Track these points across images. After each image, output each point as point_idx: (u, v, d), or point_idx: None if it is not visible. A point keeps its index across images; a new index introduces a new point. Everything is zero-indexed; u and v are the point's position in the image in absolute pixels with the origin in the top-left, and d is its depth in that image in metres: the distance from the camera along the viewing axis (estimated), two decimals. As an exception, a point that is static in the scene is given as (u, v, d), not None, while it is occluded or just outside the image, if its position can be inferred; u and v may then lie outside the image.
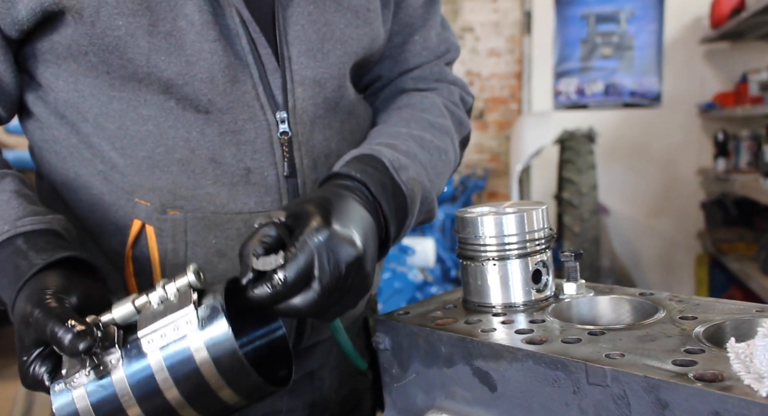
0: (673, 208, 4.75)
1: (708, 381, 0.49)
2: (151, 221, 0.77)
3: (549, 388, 0.57)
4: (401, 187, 0.76)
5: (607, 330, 0.62)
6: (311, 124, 0.81)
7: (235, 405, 0.61)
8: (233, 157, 0.77)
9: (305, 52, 0.80)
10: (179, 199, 0.77)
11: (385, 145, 0.80)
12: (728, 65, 4.50)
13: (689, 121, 4.65)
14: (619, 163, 4.75)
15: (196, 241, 0.78)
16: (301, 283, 0.61)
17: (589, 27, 4.80)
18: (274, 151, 0.79)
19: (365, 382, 1.05)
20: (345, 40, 0.83)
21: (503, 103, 5.09)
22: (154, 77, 0.74)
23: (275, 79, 0.79)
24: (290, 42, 0.79)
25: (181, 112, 0.76)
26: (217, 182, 0.77)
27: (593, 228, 4.04)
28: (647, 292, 0.73)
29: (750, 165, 4.01)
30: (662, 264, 4.84)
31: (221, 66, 0.75)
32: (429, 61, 0.97)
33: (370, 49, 0.87)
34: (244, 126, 0.77)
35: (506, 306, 0.73)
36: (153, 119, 0.76)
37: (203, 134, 0.76)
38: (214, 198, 0.77)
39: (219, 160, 0.77)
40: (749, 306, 0.65)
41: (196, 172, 0.77)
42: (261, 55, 0.78)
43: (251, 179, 0.78)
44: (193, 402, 0.59)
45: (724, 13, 3.92)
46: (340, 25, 0.82)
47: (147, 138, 0.76)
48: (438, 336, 0.66)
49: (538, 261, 0.73)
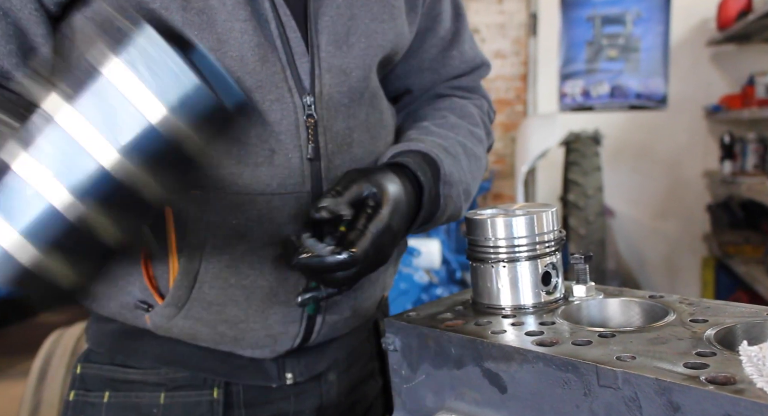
0: (679, 211, 4.74)
1: (720, 384, 0.49)
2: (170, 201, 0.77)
3: (559, 390, 0.57)
4: (440, 200, 0.85)
5: (617, 333, 0.62)
6: (336, 110, 0.82)
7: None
8: (258, 137, 0.78)
9: (333, 42, 0.82)
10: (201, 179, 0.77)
11: (443, 150, 0.87)
12: (735, 67, 4.48)
13: (695, 123, 4.64)
14: (625, 165, 4.74)
15: (216, 222, 0.78)
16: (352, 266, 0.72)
17: (595, 29, 4.79)
18: (299, 134, 0.79)
19: (376, 388, 1.04)
20: (369, 34, 0.85)
21: (509, 105, 5.09)
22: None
23: (303, 64, 0.80)
24: (320, 30, 0.81)
25: None
26: (241, 162, 0.77)
27: (599, 230, 4.03)
28: (657, 295, 0.73)
29: (756, 167, 4.00)
30: (668, 266, 4.83)
31: (251, 45, 0.76)
32: (465, 74, 1.04)
33: (394, 44, 0.89)
34: (271, 106, 0.78)
35: (516, 308, 0.73)
36: None
37: None
38: (237, 178, 0.77)
39: (244, 140, 0.77)
40: (760, 310, 0.65)
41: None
42: (290, 39, 0.79)
43: (275, 161, 0.78)
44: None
45: (731, 15, 3.91)
46: (365, 19, 0.84)
47: None
48: (448, 338, 0.66)
49: (547, 263, 0.73)
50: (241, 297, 0.81)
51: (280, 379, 0.90)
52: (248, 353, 0.86)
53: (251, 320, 0.82)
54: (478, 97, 1.05)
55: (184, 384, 0.86)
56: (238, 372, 0.88)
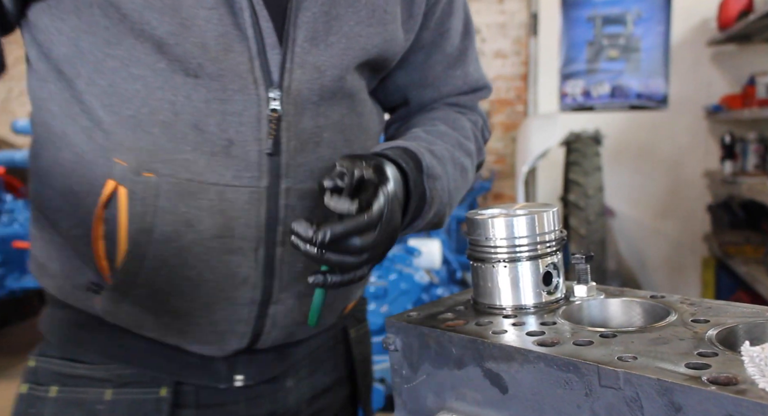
0: (679, 211, 4.74)
1: (722, 385, 0.48)
2: (125, 182, 0.76)
3: (561, 390, 0.57)
4: (426, 192, 0.83)
5: (618, 333, 0.61)
6: (304, 107, 0.80)
7: None
8: (217, 126, 0.76)
9: (310, 39, 0.80)
10: (156, 162, 0.76)
11: (426, 149, 0.84)
12: (735, 67, 4.48)
13: (696, 123, 4.64)
14: (626, 165, 4.74)
15: (167, 208, 0.76)
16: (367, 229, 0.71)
17: (595, 29, 4.79)
18: (260, 127, 0.78)
19: (342, 397, 1.02)
20: (352, 36, 0.83)
21: (509, 105, 5.09)
22: (146, 35, 0.73)
23: (274, 56, 0.78)
24: (298, 25, 0.79)
25: (170, 74, 0.75)
26: (197, 149, 0.76)
27: (599, 230, 4.03)
28: (658, 295, 0.73)
29: (757, 168, 4.00)
30: (668, 266, 4.83)
31: (214, 34, 0.74)
32: (465, 94, 1.03)
33: (382, 49, 0.87)
34: (232, 96, 0.76)
35: (517, 308, 0.72)
36: (142, 79, 0.75)
37: (189, 99, 0.76)
38: (191, 165, 0.76)
39: (202, 127, 0.76)
40: (762, 310, 0.65)
41: (177, 136, 0.76)
42: (262, 29, 0.77)
43: (232, 152, 0.77)
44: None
45: (732, 15, 3.91)
46: (350, 21, 0.82)
47: (134, 97, 0.76)
48: (449, 338, 0.66)
49: (548, 263, 0.73)
50: (186, 288, 0.79)
51: (228, 380, 0.87)
52: (196, 349, 0.84)
53: (196, 314, 0.81)
54: (475, 114, 1.04)
55: (132, 380, 0.85)
56: (187, 370, 0.86)
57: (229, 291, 0.81)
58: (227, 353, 0.85)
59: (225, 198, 0.77)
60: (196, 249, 0.78)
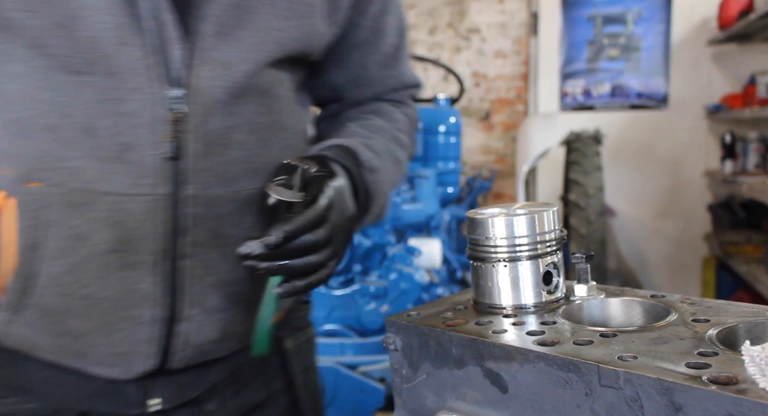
0: (679, 210, 4.74)
1: (722, 384, 0.48)
2: (12, 193, 0.70)
3: (561, 390, 0.57)
4: (368, 187, 0.82)
5: (619, 332, 0.61)
6: (211, 107, 0.74)
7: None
8: (110, 129, 0.70)
9: (216, 33, 0.73)
10: (43, 171, 0.70)
11: (363, 144, 0.84)
12: (736, 67, 4.48)
13: (696, 122, 4.64)
14: (626, 164, 4.74)
15: (57, 220, 0.70)
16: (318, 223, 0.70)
17: (595, 28, 4.79)
18: (157, 129, 0.71)
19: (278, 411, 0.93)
20: (267, 30, 0.77)
21: (509, 104, 5.09)
22: (24, 25, 0.67)
23: (175, 52, 0.71)
24: (202, 17, 0.72)
25: (53, 71, 0.68)
26: (88, 155, 0.70)
27: (600, 229, 4.03)
28: (659, 294, 0.73)
29: (758, 167, 4.00)
30: (669, 266, 4.83)
31: (107, 26, 0.68)
32: (398, 91, 1.01)
33: (303, 43, 0.81)
34: (127, 96, 0.70)
35: (517, 307, 0.72)
36: (22, 78, 0.69)
37: (77, 99, 0.69)
38: (82, 172, 0.70)
39: (93, 131, 0.69)
40: (762, 309, 0.65)
41: (65, 141, 0.69)
42: (163, 22, 0.70)
43: (127, 157, 0.70)
44: None
45: (732, 14, 3.91)
46: (265, 14, 0.76)
47: (15, 99, 0.69)
48: (449, 337, 0.66)
49: (548, 262, 0.73)
50: (81, 307, 0.73)
51: (140, 406, 0.79)
52: (100, 372, 0.76)
53: (94, 334, 0.74)
54: (407, 108, 1.01)
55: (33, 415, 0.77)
56: (93, 397, 0.78)
57: (128, 309, 0.74)
58: (135, 375, 0.77)
59: (120, 208, 0.71)
60: (91, 265, 0.72)
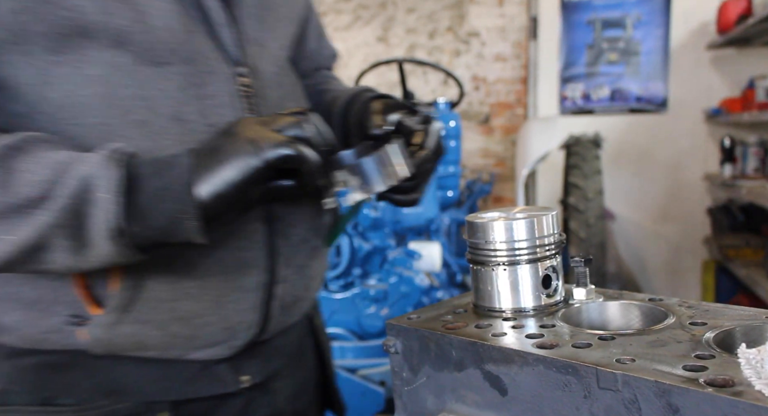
0: (679, 214, 4.74)
1: (719, 387, 0.49)
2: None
3: (559, 392, 0.58)
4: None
5: (617, 335, 0.62)
6: (267, 80, 0.81)
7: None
8: (198, 113, 0.73)
9: (250, 17, 0.81)
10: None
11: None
12: (735, 71, 4.49)
13: (696, 126, 4.64)
14: (625, 168, 4.74)
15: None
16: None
17: (595, 32, 4.80)
18: (236, 106, 0.76)
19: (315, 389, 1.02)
20: (276, 8, 0.87)
21: (509, 108, 5.10)
22: (103, 26, 0.68)
23: (227, 34, 0.77)
24: (236, 3, 0.80)
25: (134, 67, 0.70)
26: (180, 141, 0.72)
27: (599, 233, 4.03)
28: (657, 298, 0.73)
29: (757, 171, 4.00)
30: (668, 269, 4.83)
31: (175, 13, 0.71)
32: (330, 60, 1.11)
33: (299, 17, 0.94)
34: (205, 79, 0.73)
35: (516, 310, 0.73)
36: (101, 79, 0.69)
37: (162, 90, 0.71)
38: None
39: (182, 118, 0.72)
40: (759, 313, 0.66)
41: (155, 132, 0.71)
42: (209, 8, 0.76)
43: None
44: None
45: (731, 18, 3.92)
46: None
47: (96, 101, 0.69)
48: (449, 340, 0.67)
49: (548, 266, 0.74)
50: (194, 288, 0.75)
51: (236, 383, 0.84)
52: (201, 355, 0.80)
53: (207, 313, 0.77)
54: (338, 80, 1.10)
55: (127, 414, 0.78)
56: (189, 385, 0.81)
57: (237, 279, 0.78)
58: (234, 350, 0.82)
59: None
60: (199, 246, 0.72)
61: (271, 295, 0.82)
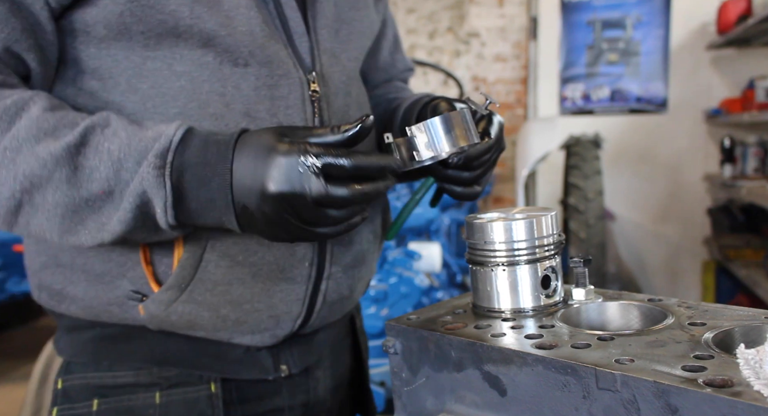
0: (679, 214, 4.74)
1: (718, 387, 0.49)
2: None
3: (559, 393, 0.58)
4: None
5: (616, 336, 0.62)
6: (335, 88, 0.86)
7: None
8: (267, 111, 0.79)
9: (325, 26, 0.87)
10: None
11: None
12: (735, 71, 4.49)
13: (696, 127, 4.64)
14: (625, 168, 4.75)
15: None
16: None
17: (595, 33, 4.80)
18: (305, 108, 0.82)
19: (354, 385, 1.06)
20: (350, 21, 0.92)
21: (509, 109, 5.10)
22: (195, 29, 0.75)
23: (303, 43, 0.84)
24: (314, 15, 0.86)
25: (217, 66, 0.77)
26: None
27: (599, 233, 4.03)
28: (656, 298, 0.73)
29: (757, 171, 4.01)
30: (668, 270, 4.83)
31: (258, 21, 0.78)
32: (403, 72, 1.18)
33: (371, 31, 0.99)
34: (279, 81, 0.80)
35: (515, 311, 0.73)
36: (187, 75, 0.77)
37: (238, 88, 0.78)
38: None
39: (253, 115, 0.79)
40: (758, 313, 0.66)
41: (229, 126, 0.77)
42: (289, 19, 0.83)
43: None
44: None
45: (731, 19, 3.92)
46: (345, 7, 0.91)
47: (180, 94, 0.77)
48: (448, 341, 0.67)
49: (547, 266, 0.74)
50: (247, 275, 0.81)
51: (276, 371, 0.89)
52: (246, 340, 0.85)
53: (256, 300, 0.82)
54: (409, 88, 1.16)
55: (179, 381, 0.85)
56: (233, 366, 0.87)
57: (288, 270, 0.83)
58: (277, 339, 0.86)
59: None
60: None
61: (316, 290, 0.86)
